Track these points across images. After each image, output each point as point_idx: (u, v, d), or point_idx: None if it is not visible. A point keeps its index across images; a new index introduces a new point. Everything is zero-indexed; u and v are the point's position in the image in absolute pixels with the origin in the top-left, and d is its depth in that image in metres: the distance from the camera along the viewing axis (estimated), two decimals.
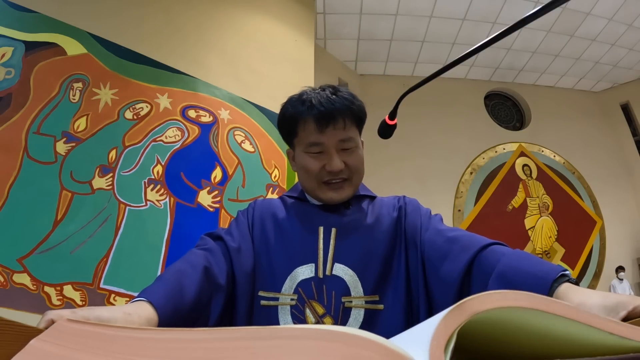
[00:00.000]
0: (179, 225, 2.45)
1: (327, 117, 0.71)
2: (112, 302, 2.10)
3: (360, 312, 0.65)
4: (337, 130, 0.72)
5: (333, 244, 0.71)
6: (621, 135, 6.07)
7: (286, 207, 0.79)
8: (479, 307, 0.21)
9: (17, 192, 1.97)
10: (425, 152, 5.15)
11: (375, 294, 0.67)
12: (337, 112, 0.71)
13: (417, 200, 0.82)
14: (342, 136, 0.73)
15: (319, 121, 0.71)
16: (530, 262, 0.53)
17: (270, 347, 0.20)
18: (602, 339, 0.22)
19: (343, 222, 0.74)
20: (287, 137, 0.79)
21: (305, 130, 0.73)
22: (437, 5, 4.47)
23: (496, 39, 0.43)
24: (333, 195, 0.74)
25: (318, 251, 0.70)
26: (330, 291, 0.66)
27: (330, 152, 0.72)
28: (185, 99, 2.77)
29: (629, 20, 4.79)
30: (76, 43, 2.40)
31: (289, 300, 0.66)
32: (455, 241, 0.66)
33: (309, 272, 0.68)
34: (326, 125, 0.71)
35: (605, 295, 0.42)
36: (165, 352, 0.21)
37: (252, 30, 3.37)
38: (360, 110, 0.76)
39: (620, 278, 4.95)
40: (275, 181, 3.00)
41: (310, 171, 0.74)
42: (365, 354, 0.18)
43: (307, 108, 0.72)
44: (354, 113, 0.74)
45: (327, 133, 0.72)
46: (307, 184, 0.76)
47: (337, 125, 0.72)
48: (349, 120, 0.73)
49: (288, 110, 0.76)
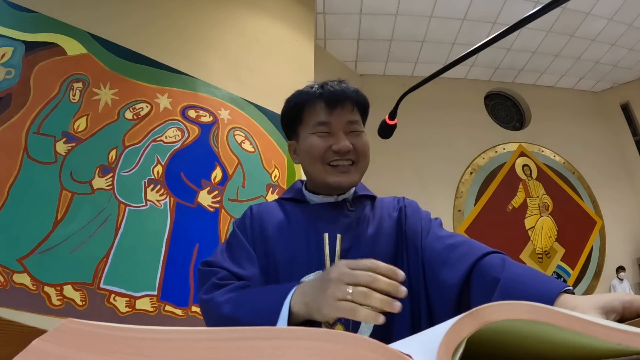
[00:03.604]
0: (179, 225, 2.45)
1: (337, 98, 0.72)
2: (112, 302, 2.10)
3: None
4: (345, 112, 0.73)
5: (339, 250, 0.70)
6: (621, 135, 6.07)
7: (286, 214, 0.77)
8: (491, 317, 0.21)
9: (17, 192, 1.97)
10: (425, 152, 5.15)
11: None
12: (347, 95, 0.73)
13: (417, 202, 0.82)
14: (351, 118, 0.73)
15: (329, 101, 0.72)
16: (533, 276, 0.54)
17: (272, 347, 0.20)
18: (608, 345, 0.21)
19: (347, 227, 0.72)
20: (290, 126, 0.79)
21: (313, 112, 0.74)
22: (437, 5, 4.47)
23: (496, 39, 0.43)
24: (340, 179, 0.72)
25: (325, 259, 0.69)
26: None
27: (338, 133, 0.72)
28: (185, 99, 2.77)
29: (629, 20, 4.79)
30: (76, 43, 2.40)
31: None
32: (454, 248, 0.66)
33: None
34: (335, 105, 0.72)
35: (598, 297, 0.44)
36: (166, 352, 0.21)
37: (252, 30, 3.37)
38: (365, 101, 0.78)
39: (621, 278, 4.95)
40: (275, 181, 3.00)
41: (316, 151, 0.72)
42: (369, 356, 0.18)
43: (316, 92, 0.74)
44: (360, 101, 0.76)
45: (335, 114, 0.72)
46: (312, 169, 0.74)
47: (346, 107, 0.73)
48: (356, 106, 0.75)
49: (293, 99, 0.77)
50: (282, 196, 0.84)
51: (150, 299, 2.22)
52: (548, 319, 0.21)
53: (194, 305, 2.36)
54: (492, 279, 0.57)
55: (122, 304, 2.13)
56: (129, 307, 2.14)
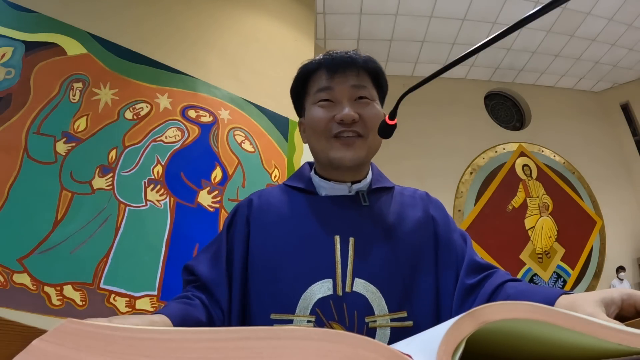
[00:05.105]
0: (179, 225, 2.45)
1: (339, 63, 0.65)
2: (112, 302, 2.10)
3: (386, 331, 0.58)
4: (349, 76, 0.65)
5: (352, 255, 0.62)
6: (621, 135, 6.07)
7: (291, 205, 0.68)
8: (491, 317, 0.21)
9: (17, 192, 1.97)
10: (425, 152, 5.15)
11: (401, 309, 0.60)
12: (351, 59, 0.66)
13: (442, 204, 0.75)
14: (355, 82, 0.65)
15: (330, 67, 0.66)
16: (536, 287, 0.55)
17: (272, 347, 0.20)
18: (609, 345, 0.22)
19: (361, 228, 0.64)
20: (298, 102, 0.74)
21: (316, 81, 0.68)
22: (437, 5, 4.47)
23: (496, 39, 0.43)
24: (345, 153, 0.64)
25: (336, 265, 0.61)
26: (352, 310, 0.58)
27: (342, 101, 0.65)
28: (185, 99, 2.77)
29: (629, 20, 4.79)
30: (76, 43, 2.40)
31: (306, 323, 0.58)
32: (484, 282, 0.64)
33: (327, 290, 0.59)
34: (336, 70, 0.65)
35: (598, 291, 0.44)
36: (166, 352, 0.21)
37: (252, 30, 3.37)
38: (376, 67, 0.69)
39: (621, 278, 4.95)
40: (275, 181, 3.00)
41: (318, 123, 0.65)
42: (369, 356, 0.18)
43: (319, 60, 0.68)
44: (368, 66, 0.67)
45: (337, 78, 0.65)
46: (317, 144, 0.66)
47: (350, 72, 0.65)
48: (364, 72, 0.67)
49: (299, 72, 0.72)
50: (288, 182, 0.74)
51: (150, 299, 2.22)
52: (547, 318, 0.21)
53: None
54: (494, 289, 0.58)
55: (122, 304, 2.13)
56: (129, 307, 2.14)
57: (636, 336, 0.21)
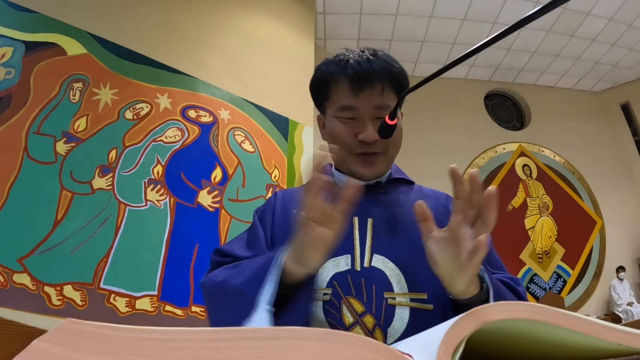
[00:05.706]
0: (179, 225, 2.45)
1: (364, 79, 0.64)
2: (112, 302, 2.10)
3: (406, 311, 0.57)
4: (373, 95, 0.64)
5: (370, 233, 0.63)
6: (621, 135, 6.07)
7: None
8: (491, 317, 0.21)
9: (17, 192, 1.97)
10: (425, 152, 5.15)
11: (422, 291, 0.59)
12: (376, 74, 0.64)
13: None
14: (379, 102, 0.64)
15: (354, 82, 0.64)
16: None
17: (272, 347, 0.20)
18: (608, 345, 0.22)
19: (379, 212, 0.66)
20: (318, 100, 0.72)
21: (338, 91, 0.66)
22: (437, 5, 4.47)
23: (496, 39, 0.43)
24: (364, 171, 0.65)
25: (354, 242, 0.62)
26: (370, 285, 0.58)
27: (365, 120, 0.64)
28: (185, 99, 2.77)
29: (629, 20, 4.79)
30: (76, 43, 2.40)
31: (322, 295, 0.58)
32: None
33: (345, 265, 0.60)
34: (361, 87, 0.64)
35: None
36: (166, 352, 0.21)
37: (252, 30, 3.37)
38: (401, 74, 0.67)
39: (621, 278, 4.95)
40: (275, 181, 3.00)
41: (340, 139, 0.65)
42: (369, 356, 0.18)
43: (342, 67, 0.66)
44: (393, 77, 0.66)
45: (361, 97, 0.64)
46: (339, 154, 0.67)
47: (374, 90, 0.64)
48: (388, 86, 0.66)
49: (321, 69, 0.70)
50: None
51: (150, 299, 2.22)
52: (547, 318, 0.21)
53: (194, 305, 2.36)
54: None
55: (122, 304, 2.13)
56: (129, 307, 2.14)
57: (636, 336, 0.21)
